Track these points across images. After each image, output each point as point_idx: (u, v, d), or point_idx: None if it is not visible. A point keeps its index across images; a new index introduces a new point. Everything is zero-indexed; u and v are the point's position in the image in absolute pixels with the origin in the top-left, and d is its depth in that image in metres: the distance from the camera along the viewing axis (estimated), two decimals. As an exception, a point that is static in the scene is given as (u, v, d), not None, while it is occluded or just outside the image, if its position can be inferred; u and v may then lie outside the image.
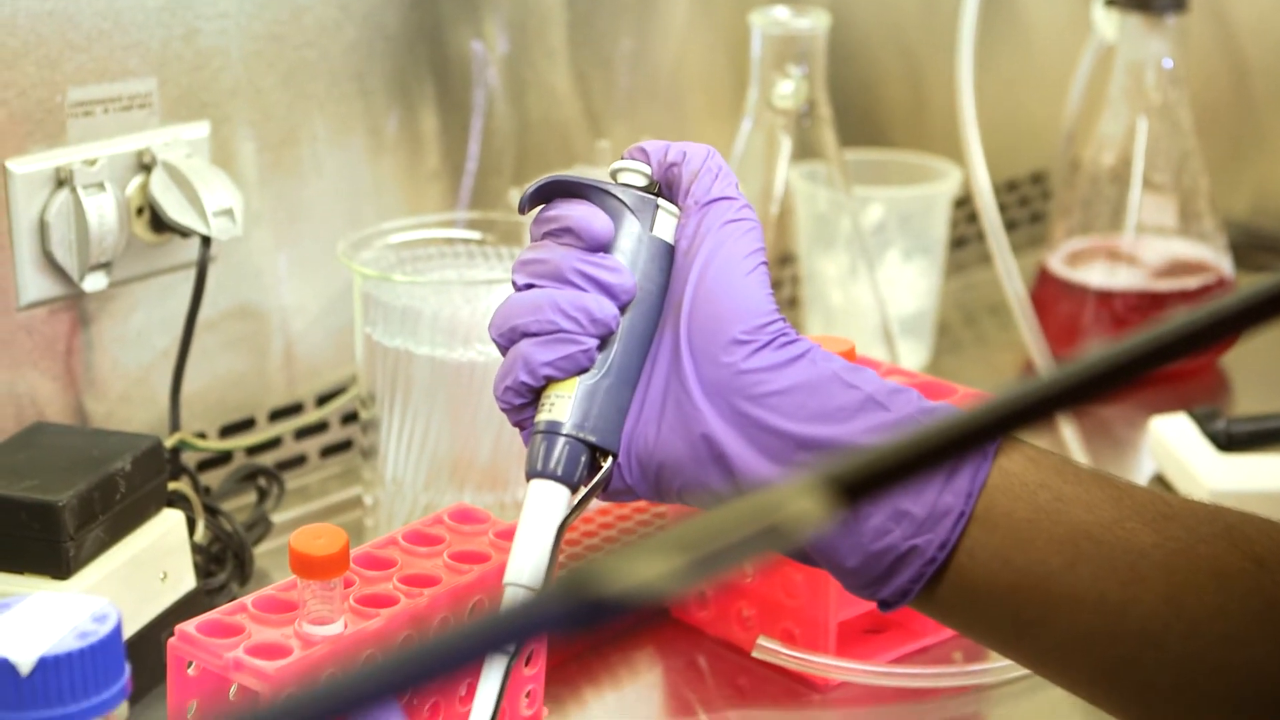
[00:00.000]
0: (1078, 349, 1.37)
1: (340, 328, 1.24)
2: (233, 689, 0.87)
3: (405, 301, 1.11)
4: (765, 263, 0.82)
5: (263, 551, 1.15)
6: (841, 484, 0.42)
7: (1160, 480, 1.25)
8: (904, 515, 0.78)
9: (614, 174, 0.84)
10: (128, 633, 0.91)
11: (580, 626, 0.38)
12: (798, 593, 1.02)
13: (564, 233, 0.82)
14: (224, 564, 1.11)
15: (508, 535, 0.95)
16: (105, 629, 0.74)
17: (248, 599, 0.89)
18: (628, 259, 0.82)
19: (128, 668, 0.76)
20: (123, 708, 0.75)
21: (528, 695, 0.97)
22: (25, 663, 0.72)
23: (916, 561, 0.78)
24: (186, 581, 1.04)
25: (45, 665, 0.72)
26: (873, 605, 1.04)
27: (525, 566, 0.79)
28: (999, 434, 0.46)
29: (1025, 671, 1.03)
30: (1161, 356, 0.49)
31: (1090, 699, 0.82)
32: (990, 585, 0.78)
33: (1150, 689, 0.78)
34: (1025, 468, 0.79)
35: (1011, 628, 0.80)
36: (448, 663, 0.38)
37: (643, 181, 0.84)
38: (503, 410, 0.84)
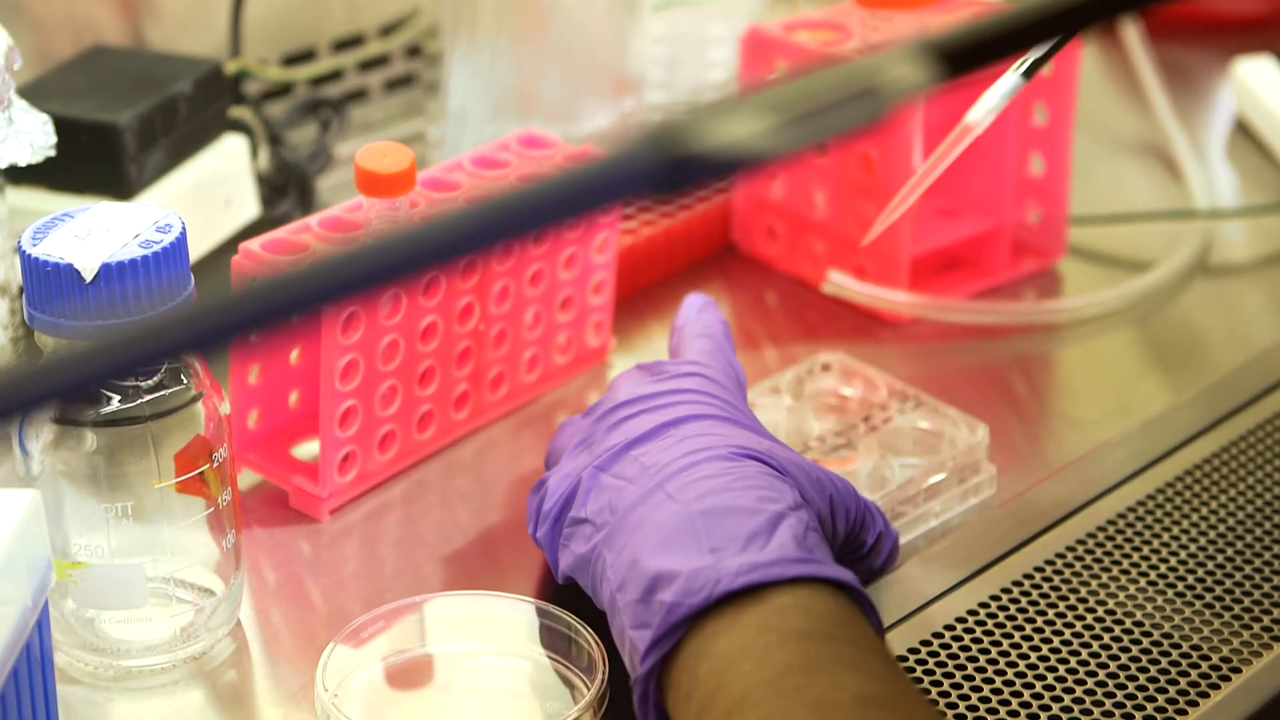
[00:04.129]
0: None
1: (403, -43, 1.21)
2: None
3: (470, -74, 1.07)
4: None
5: (326, 187, 1.14)
6: (942, 52, 0.40)
7: (1241, 125, 1.22)
8: None
9: None
10: (192, 257, 0.90)
11: (666, 187, 0.37)
12: (870, 226, 1.00)
13: None
14: (286, 194, 1.10)
15: (576, 159, 0.93)
16: (169, 238, 0.73)
17: (312, 219, 0.87)
18: None
19: (192, 279, 0.75)
20: (188, 320, 0.74)
21: (595, 326, 0.96)
22: (89, 269, 0.71)
23: None
24: (250, 208, 1.02)
25: (109, 272, 0.71)
26: (947, 241, 1.03)
27: None
28: (1102, 13, 0.44)
29: (1098, 311, 1.02)
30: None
31: None
32: None
33: None
34: None
35: None
36: (523, 223, 0.36)
37: None
38: None
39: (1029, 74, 0.78)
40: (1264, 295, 1.07)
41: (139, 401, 0.74)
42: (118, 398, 0.74)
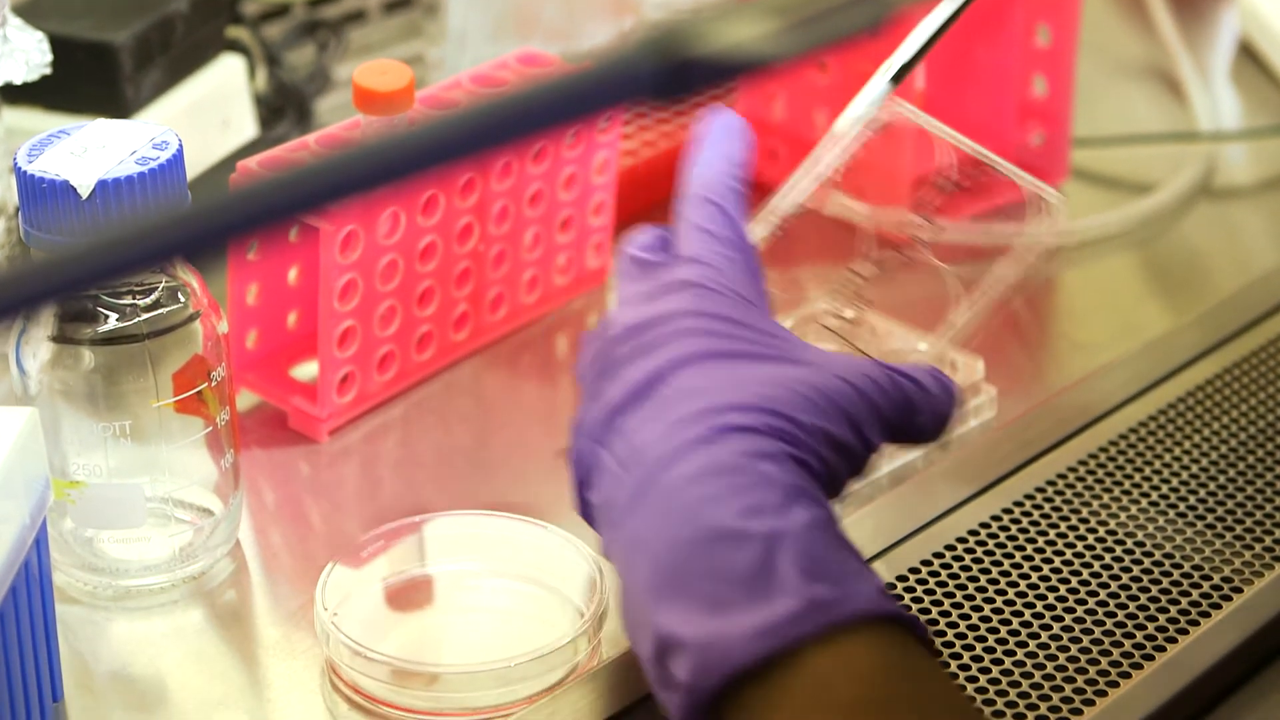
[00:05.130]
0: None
1: (401, -124, 1.20)
2: (293, 229, 0.85)
3: None
4: None
5: (324, 109, 1.13)
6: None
7: (1246, 47, 1.22)
8: None
9: None
10: (189, 177, 0.90)
11: (668, 91, 0.36)
12: (872, 147, 1.00)
13: None
14: (284, 116, 1.09)
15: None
16: (166, 155, 0.73)
17: (310, 138, 0.87)
18: None
19: (190, 197, 0.75)
20: (185, 238, 0.73)
21: (595, 247, 0.96)
22: (85, 185, 0.70)
23: None
24: (248, 129, 1.02)
25: (105, 188, 0.71)
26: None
27: None
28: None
29: (1099, 234, 1.01)
30: None
31: None
32: None
33: None
34: None
35: None
36: (522, 125, 0.36)
37: None
38: None
39: (896, 79, 0.77)
40: (1266, 218, 1.06)
41: (136, 320, 0.74)
42: (115, 316, 0.74)
